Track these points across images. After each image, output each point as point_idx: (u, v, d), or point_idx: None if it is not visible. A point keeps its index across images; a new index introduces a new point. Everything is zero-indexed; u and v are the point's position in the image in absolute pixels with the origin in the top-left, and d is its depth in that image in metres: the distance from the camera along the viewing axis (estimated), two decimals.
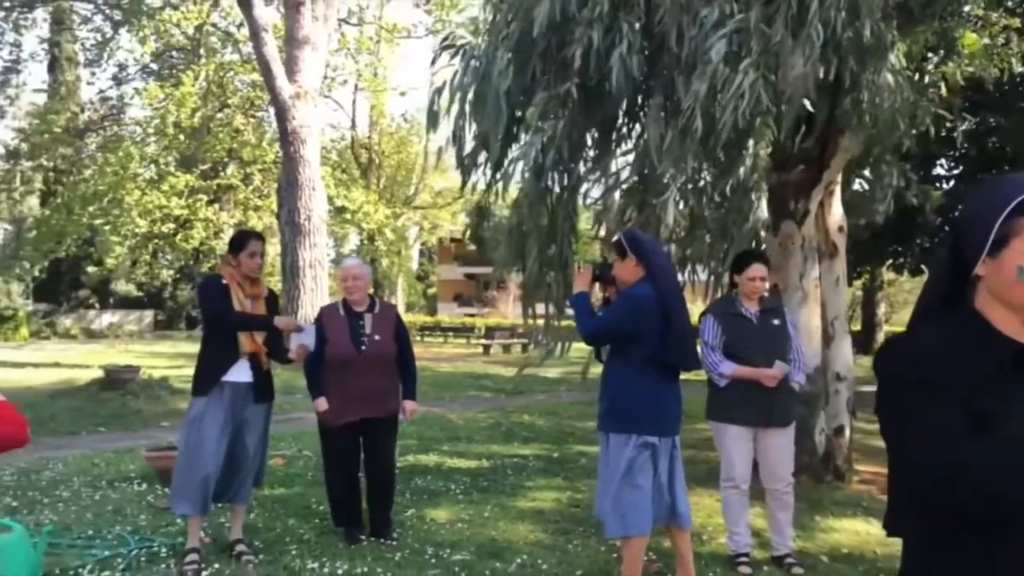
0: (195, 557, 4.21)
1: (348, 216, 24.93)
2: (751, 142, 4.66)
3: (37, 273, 27.66)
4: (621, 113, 5.86)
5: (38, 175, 28.27)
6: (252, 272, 4.47)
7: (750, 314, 4.38)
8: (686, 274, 6.01)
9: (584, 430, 9.30)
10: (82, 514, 5.24)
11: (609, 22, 4.94)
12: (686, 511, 3.92)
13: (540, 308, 6.22)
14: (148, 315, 35.12)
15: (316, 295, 15.40)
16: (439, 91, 5.60)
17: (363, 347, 4.66)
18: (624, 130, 5.95)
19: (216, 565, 4.21)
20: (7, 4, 23.70)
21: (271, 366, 4.52)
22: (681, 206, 5.07)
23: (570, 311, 5.17)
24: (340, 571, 4.14)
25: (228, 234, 25.92)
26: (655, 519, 3.77)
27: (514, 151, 5.62)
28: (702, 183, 5.45)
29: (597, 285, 4.25)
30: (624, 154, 5.96)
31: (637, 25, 4.97)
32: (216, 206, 25.16)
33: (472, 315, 36.75)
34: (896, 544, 1.33)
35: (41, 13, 26.49)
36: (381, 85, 26.83)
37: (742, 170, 4.84)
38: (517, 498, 5.86)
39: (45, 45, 29.45)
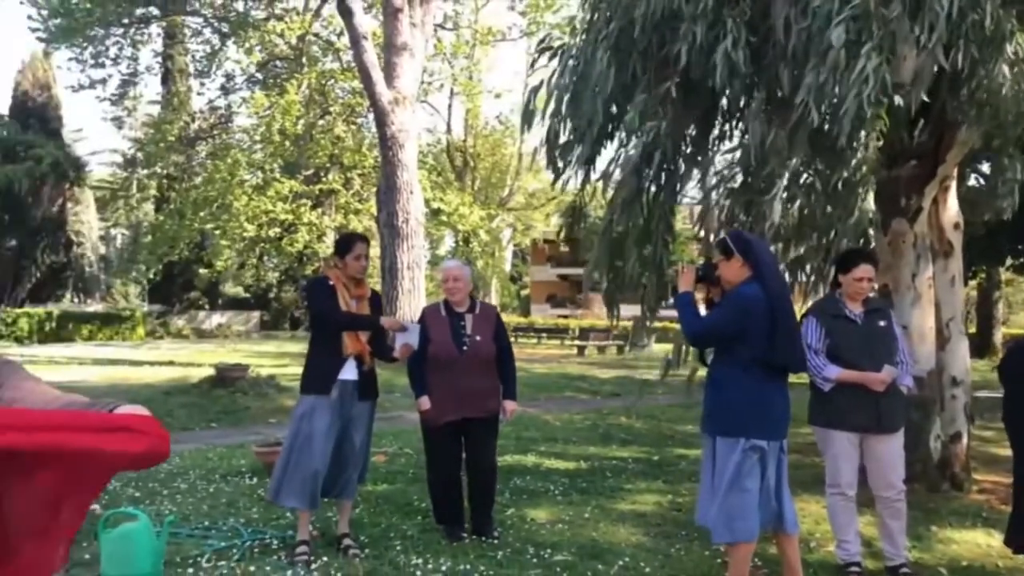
0: (305, 549, 4.35)
1: (444, 218, 25.29)
2: (863, 134, 4.49)
3: (152, 276, 29.11)
4: (722, 111, 5.74)
5: (153, 182, 29.74)
6: (357, 273, 4.59)
7: (854, 315, 4.22)
8: (792, 274, 5.84)
9: (683, 433, 9.16)
10: (198, 506, 5.49)
11: (713, 17, 4.85)
12: (793, 517, 3.81)
13: (624, 309, 6.18)
14: (254, 316, 36.48)
15: (414, 296, 15.67)
16: (535, 91, 5.62)
17: (464, 347, 4.72)
18: (727, 128, 5.83)
19: (325, 558, 4.33)
20: (125, 21, 25.06)
21: (375, 365, 4.63)
22: (788, 204, 4.93)
23: (667, 312, 5.11)
24: (443, 568, 4.19)
25: (331, 237, 26.70)
26: (762, 525, 3.68)
27: (611, 150, 5.58)
28: (809, 179, 5.28)
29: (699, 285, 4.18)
30: (728, 152, 5.84)
31: (742, 20, 4.86)
32: (319, 210, 25.93)
33: (566, 316, 36.75)
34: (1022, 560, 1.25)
35: (155, 28, 27.90)
36: (476, 88, 27.11)
37: (852, 164, 4.66)
38: (617, 500, 5.81)
39: (159, 59, 30.92)
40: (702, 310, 3.97)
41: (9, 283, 29.91)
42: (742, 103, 5.60)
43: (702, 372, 4.26)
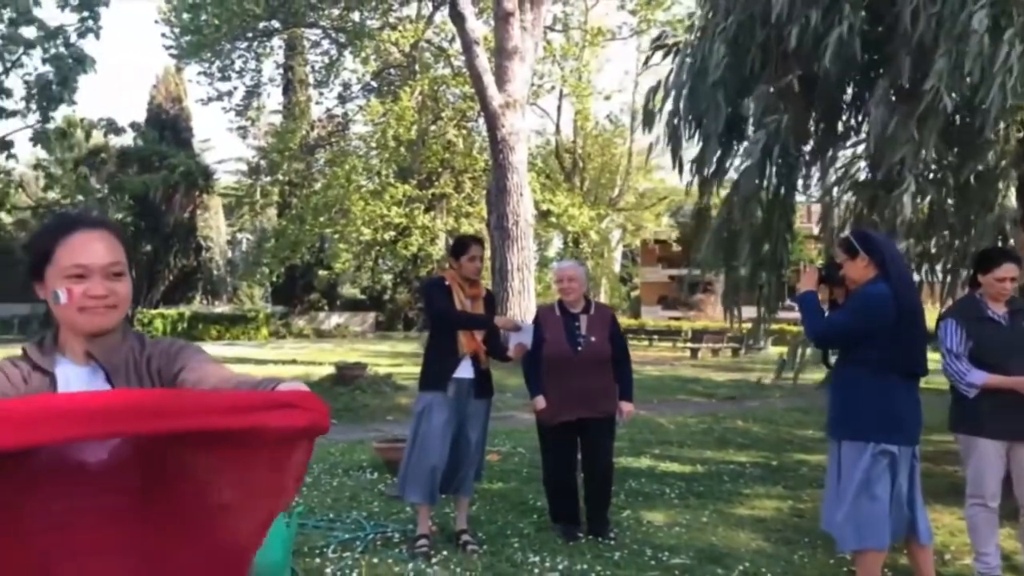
0: (425, 543, 4.45)
1: (553, 220, 25.37)
2: (1002, 125, 4.24)
3: (275, 278, 30.38)
4: (846, 103, 5.54)
5: (276, 189, 31.03)
6: (472, 274, 4.67)
7: (998, 317, 3.98)
8: (922, 273, 5.57)
9: (803, 438, 8.88)
10: (323, 499, 5.70)
11: (829, 3, 4.68)
12: (926, 526, 3.64)
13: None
14: (370, 316, 37.56)
15: (523, 297, 15.78)
16: (654, 90, 5.57)
17: (579, 347, 4.73)
18: (852, 121, 5.62)
19: (444, 552, 4.43)
20: (249, 35, 26.31)
21: (490, 364, 4.70)
22: (919, 199, 4.70)
23: (784, 314, 4.96)
24: (560, 566, 4.21)
25: (442, 240, 27.22)
26: (893, 534, 3.53)
27: (731, 147, 5.46)
28: (940, 173, 5.02)
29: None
30: (852, 145, 5.63)
31: (860, 6, 4.67)
32: (431, 214, 26.47)
33: (677, 318, 36.15)
34: None
35: (277, 41, 29.19)
36: (586, 89, 27.07)
37: (989, 156, 4.41)
38: (735, 505, 5.69)
39: (280, 70, 32.31)
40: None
41: (144, 286, 31.84)
42: (866, 96, 5.39)
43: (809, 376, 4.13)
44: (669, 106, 5.47)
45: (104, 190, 11.09)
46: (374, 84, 29.32)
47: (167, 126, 33.74)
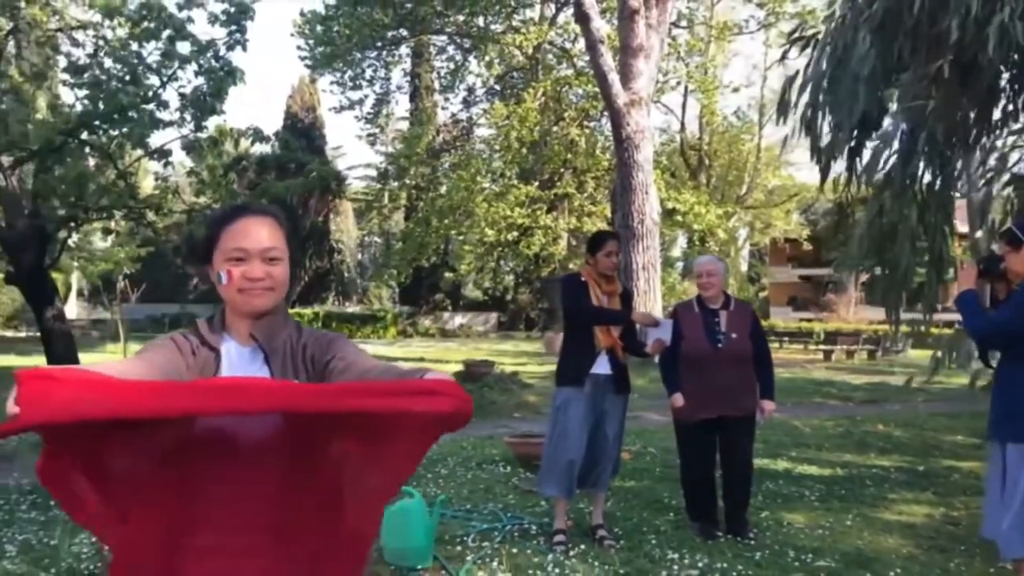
0: (563, 538, 4.50)
1: (678, 218, 25.00)
2: None
3: (403, 279, 31.23)
4: (1004, 91, 5.23)
5: (403, 193, 31.90)
6: (608, 270, 4.68)
7: None
8: None
9: (951, 443, 8.41)
10: (459, 490, 5.85)
11: None
12: None
13: (872, 312, 5.74)
14: (492, 317, 38.10)
15: (649, 297, 15.62)
16: (791, 80, 5.42)
17: (719, 344, 4.66)
18: (1010, 108, 5.29)
19: (582, 546, 4.46)
20: (378, 44, 27.19)
21: (627, 360, 4.70)
22: None
23: (944, 315, 4.72)
24: (700, 564, 4.17)
25: (564, 240, 27.29)
26: None
27: (875, 138, 5.25)
28: None
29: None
30: (1013, 133, 5.30)
31: None
32: (553, 214, 26.59)
33: (808, 319, 34.88)
34: None
35: (404, 49, 30.02)
36: (712, 85, 26.53)
37: None
38: (880, 510, 5.47)
39: (408, 77, 33.23)
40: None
41: None
42: None
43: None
44: (807, 97, 5.31)
45: (247, 195, 11.79)
46: (497, 87, 29.73)
47: (302, 134, 35.33)
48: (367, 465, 1.63)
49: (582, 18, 16.24)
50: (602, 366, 4.53)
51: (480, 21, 26.65)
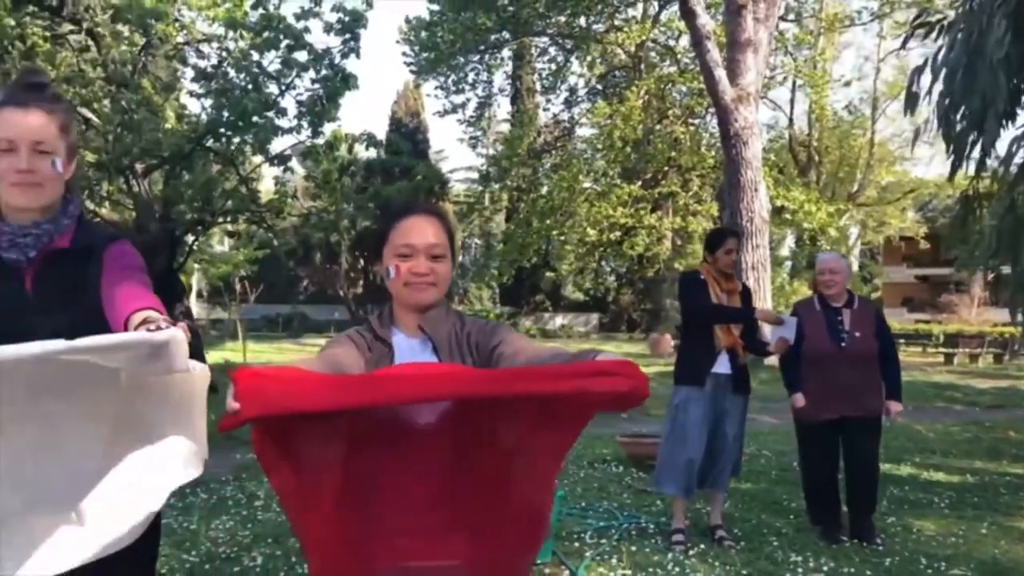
0: (681, 537, 4.47)
1: (787, 216, 24.31)
2: None
3: (504, 280, 31.49)
4: None
5: (504, 195, 32.18)
6: (727, 268, 4.62)
7: None
8: None
9: None
10: (573, 488, 5.88)
11: None
12: None
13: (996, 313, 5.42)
14: (593, 318, 37.97)
15: (758, 297, 15.25)
16: (919, 70, 5.21)
17: (843, 343, 4.54)
18: None
19: (701, 546, 4.42)
20: (481, 48, 27.55)
21: (747, 359, 4.63)
22: None
23: None
24: (825, 568, 4.07)
25: (669, 240, 26.96)
26: None
27: (1013, 129, 5.00)
28: None
29: None
30: None
31: None
32: (657, 213, 26.30)
33: (926, 321, 33.33)
34: None
35: (506, 52, 30.31)
36: (821, 79, 25.69)
37: None
38: (1017, 519, 5.20)
39: (509, 80, 33.49)
40: None
41: None
42: None
43: None
44: (939, 87, 5.09)
45: (357, 199, 12.18)
46: (599, 87, 29.65)
47: (406, 138, 36.09)
48: (537, 446, 1.70)
49: (688, 14, 16.03)
50: (722, 365, 4.47)
51: (582, 21, 26.64)
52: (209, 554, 4.49)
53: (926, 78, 5.30)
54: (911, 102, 5.31)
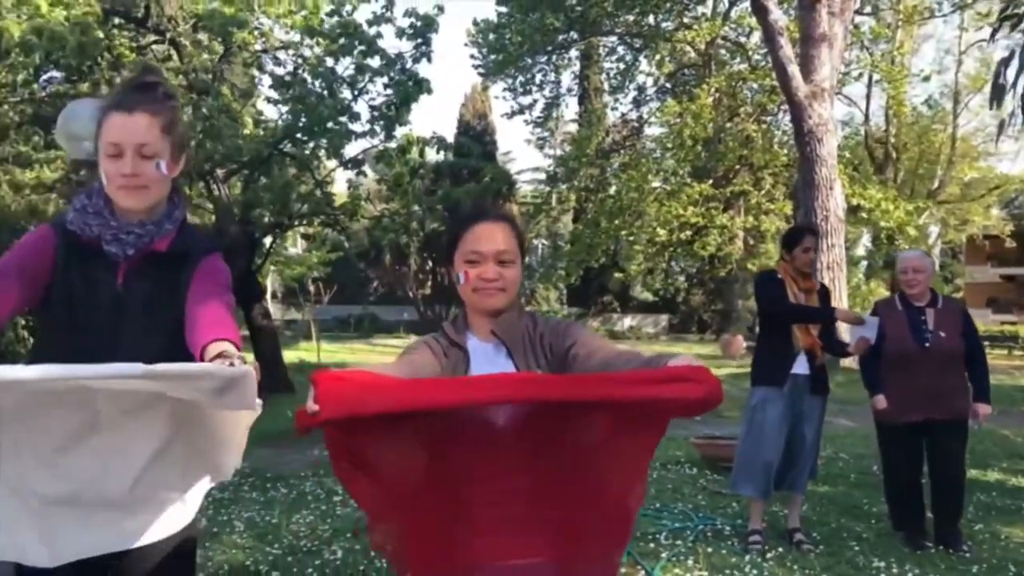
0: (758, 538, 4.42)
1: (863, 215, 23.65)
2: None
3: (572, 281, 31.42)
4: None
5: (572, 195, 32.10)
6: (805, 267, 4.55)
7: None
8: None
9: None
10: (647, 489, 5.84)
11: None
12: None
13: None
14: (663, 319, 37.61)
15: (834, 297, 14.85)
16: (1006, 62, 5.04)
17: (926, 343, 4.42)
18: None
19: (779, 549, 4.36)
20: (548, 49, 27.56)
21: (826, 360, 4.55)
22: None
23: None
24: (910, 574, 3.97)
25: (741, 239, 26.53)
26: None
27: None
28: None
29: None
30: None
31: None
32: (728, 212, 25.91)
33: (1012, 322, 32.04)
34: None
35: (574, 52, 30.26)
36: (899, 73, 24.92)
37: None
38: None
39: (577, 80, 33.44)
40: None
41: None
42: None
43: None
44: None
45: (427, 201, 12.40)
46: (668, 85, 29.35)
47: (474, 140, 36.33)
48: (619, 446, 1.72)
49: (759, 10, 15.74)
50: (800, 366, 4.41)
51: (651, 19, 26.42)
52: (291, 547, 4.62)
53: (1012, 70, 5.12)
54: (997, 95, 5.14)
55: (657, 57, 27.09)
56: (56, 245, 1.96)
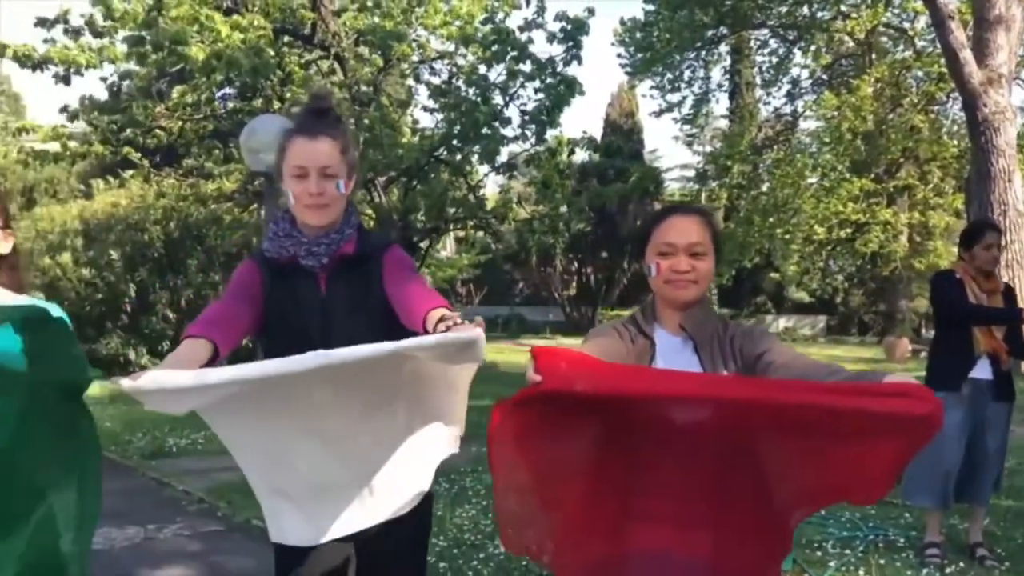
0: (936, 551, 4.21)
1: None
2: None
3: (724, 281, 30.67)
4: None
5: (723, 192, 31.34)
6: (987, 265, 4.30)
7: None
8: None
9: None
10: None
11: None
12: None
13: None
14: (820, 320, 36.03)
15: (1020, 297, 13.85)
16: None
17: None
18: None
19: (960, 564, 4.15)
20: (697, 45, 27.04)
21: (1012, 365, 4.28)
22: None
23: None
24: None
25: (905, 236, 25.07)
26: None
27: None
28: None
29: None
30: None
31: None
32: (892, 208, 24.54)
33: None
34: None
35: (724, 47, 29.54)
36: None
37: None
38: None
39: (727, 75, 32.64)
40: None
41: (603, 289, 34.48)
42: None
43: None
44: None
45: (576, 201, 12.53)
46: (824, 77, 28.13)
47: (620, 140, 36.15)
48: (801, 459, 1.69)
49: None
50: (983, 371, 4.17)
51: (805, 10, 25.40)
52: (456, 540, 4.80)
53: None
54: None
55: (813, 48, 26.00)
56: (261, 272, 2.21)
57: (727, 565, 1.79)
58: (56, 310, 1.96)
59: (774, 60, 28.57)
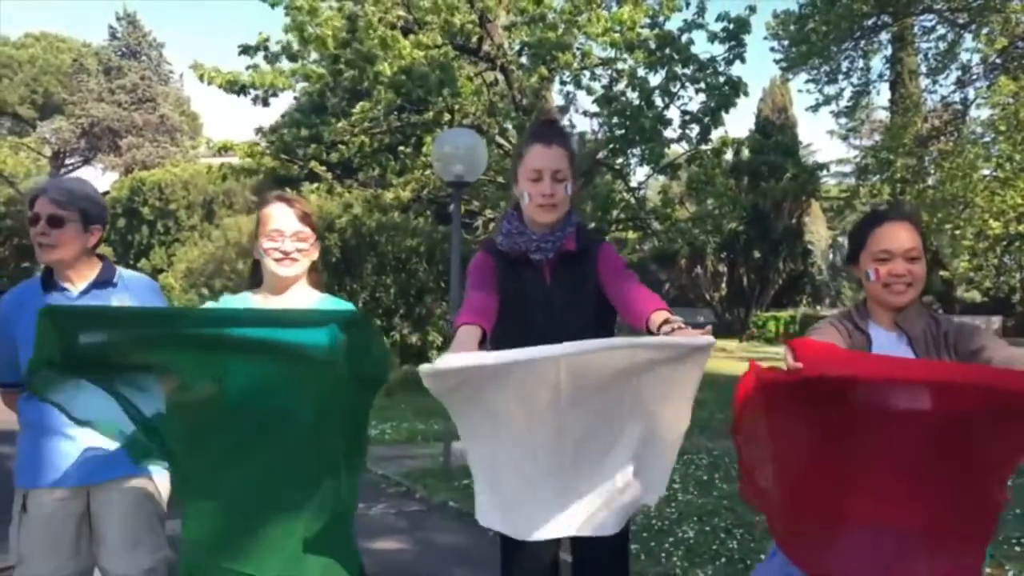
0: None
1: None
2: None
3: None
4: None
5: (886, 187, 29.91)
6: None
7: None
8: None
9: None
10: None
11: None
12: None
13: None
14: (995, 320, 33.74)
15: None
16: None
17: None
18: None
19: None
20: (856, 35, 25.98)
21: None
22: None
23: None
24: None
25: None
26: None
27: None
28: None
29: None
30: None
31: None
32: None
33: None
34: None
35: (884, 36, 28.22)
36: None
37: None
38: None
39: (888, 64, 31.14)
40: None
41: (756, 290, 33.67)
42: None
43: None
44: None
45: (739, 200, 12.49)
46: (999, 62, 26.35)
47: (773, 136, 35.18)
48: (1017, 443, 1.85)
49: None
50: None
51: None
52: (646, 525, 5.07)
53: None
54: None
55: (986, 31, 24.45)
56: (495, 263, 2.51)
57: (939, 539, 1.93)
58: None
59: (941, 46, 27.03)
